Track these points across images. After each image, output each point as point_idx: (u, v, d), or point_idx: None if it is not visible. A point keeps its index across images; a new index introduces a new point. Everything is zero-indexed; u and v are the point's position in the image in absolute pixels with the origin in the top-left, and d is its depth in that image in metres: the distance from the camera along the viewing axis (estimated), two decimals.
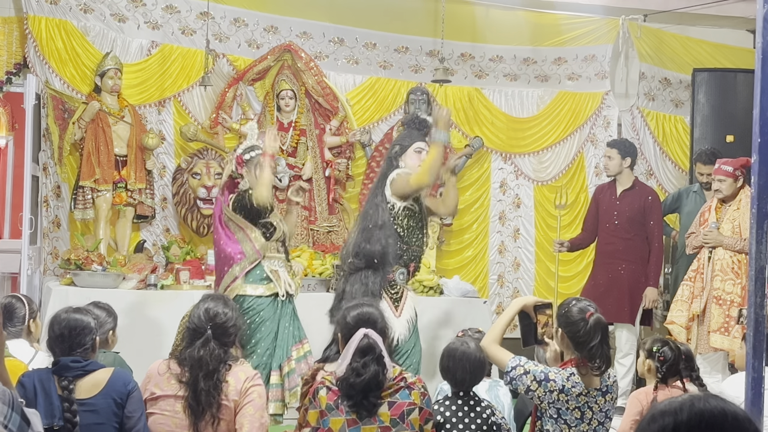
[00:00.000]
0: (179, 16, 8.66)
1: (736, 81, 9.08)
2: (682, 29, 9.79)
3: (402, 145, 6.39)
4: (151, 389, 4.14)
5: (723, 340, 6.88)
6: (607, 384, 3.99)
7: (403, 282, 6.27)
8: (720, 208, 7.28)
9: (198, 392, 4.01)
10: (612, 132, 9.61)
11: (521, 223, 9.59)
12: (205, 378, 4.02)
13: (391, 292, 6.15)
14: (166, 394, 4.10)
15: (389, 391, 3.96)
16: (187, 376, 4.06)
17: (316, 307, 6.64)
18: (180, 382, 4.08)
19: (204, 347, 4.09)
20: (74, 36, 8.32)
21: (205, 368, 4.04)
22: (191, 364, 4.07)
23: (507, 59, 9.52)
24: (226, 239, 6.15)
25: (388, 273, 6.13)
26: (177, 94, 8.69)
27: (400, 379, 4.01)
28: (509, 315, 4.17)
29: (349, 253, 6.25)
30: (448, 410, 4.28)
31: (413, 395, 3.98)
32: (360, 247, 6.12)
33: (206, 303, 4.27)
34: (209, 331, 4.13)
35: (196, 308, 4.28)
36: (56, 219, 8.35)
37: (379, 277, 6.11)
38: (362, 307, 4.28)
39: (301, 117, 8.78)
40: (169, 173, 8.63)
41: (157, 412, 4.10)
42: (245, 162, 6.18)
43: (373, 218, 6.17)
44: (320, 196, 8.74)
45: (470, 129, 9.39)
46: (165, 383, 4.12)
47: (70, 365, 3.89)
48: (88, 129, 8.00)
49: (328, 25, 9.08)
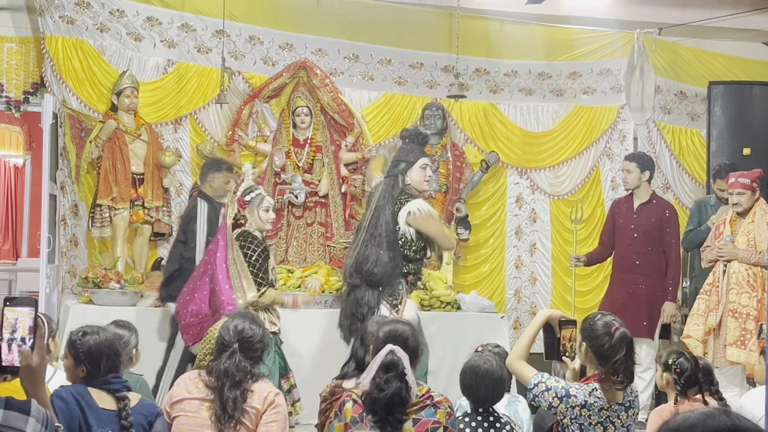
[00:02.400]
0: (195, 35, 8.71)
1: (752, 94, 9.06)
2: (697, 42, 9.78)
3: (408, 162, 6.46)
4: (180, 392, 4.25)
5: (740, 353, 6.85)
6: (629, 399, 3.97)
7: (402, 291, 6.35)
8: (735, 220, 7.26)
9: (224, 400, 4.12)
10: (628, 146, 9.59)
11: (537, 237, 9.57)
12: (231, 388, 4.14)
13: (389, 299, 6.25)
14: (192, 397, 4.21)
15: (414, 407, 3.95)
16: (215, 385, 4.17)
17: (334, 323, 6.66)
18: (207, 387, 4.20)
19: (230, 359, 4.20)
20: (91, 55, 8.37)
21: (231, 378, 4.15)
22: (218, 375, 4.18)
23: (522, 74, 9.52)
24: (222, 284, 6.20)
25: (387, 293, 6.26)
26: (193, 111, 8.73)
27: (426, 397, 4.00)
28: (535, 328, 4.15)
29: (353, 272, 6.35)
30: (468, 427, 4.27)
31: (439, 414, 3.97)
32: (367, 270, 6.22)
33: (235, 320, 4.39)
34: (236, 344, 4.24)
35: (226, 324, 4.38)
36: (74, 237, 8.39)
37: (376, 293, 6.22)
38: (395, 324, 4.30)
39: (317, 133, 8.80)
40: (186, 191, 8.65)
41: (181, 413, 4.20)
42: (247, 203, 6.31)
43: (378, 241, 6.26)
44: (336, 212, 8.75)
45: (486, 144, 9.39)
46: (193, 387, 4.24)
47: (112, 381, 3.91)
48: (105, 147, 8.04)
49: (342, 42, 9.11)
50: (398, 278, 6.36)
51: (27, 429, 2.29)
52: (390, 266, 6.27)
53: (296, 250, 8.57)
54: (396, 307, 6.29)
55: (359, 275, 6.32)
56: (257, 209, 6.30)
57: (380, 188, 6.59)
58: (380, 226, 6.35)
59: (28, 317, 2.45)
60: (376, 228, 6.37)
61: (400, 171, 6.46)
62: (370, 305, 6.25)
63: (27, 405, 2.33)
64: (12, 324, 2.43)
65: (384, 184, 6.56)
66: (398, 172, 6.47)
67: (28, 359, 2.45)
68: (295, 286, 7.86)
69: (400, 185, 6.48)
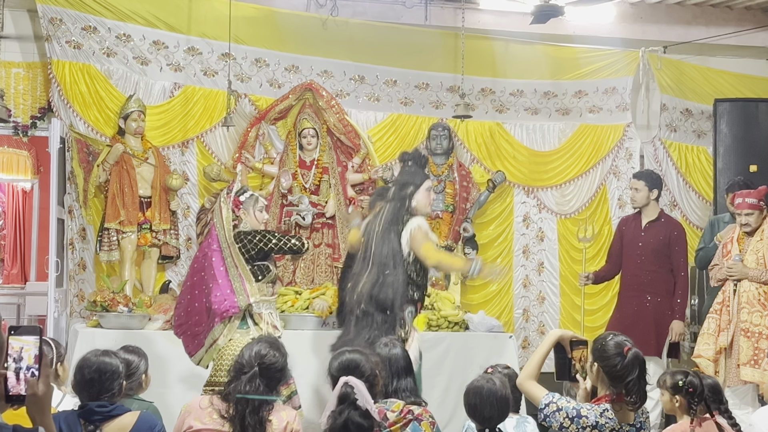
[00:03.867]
0: (201, 58, 8.74)
1: (758, 111, 9.07)
2: (702, 60, 9.80)
3: (416, 185, 6.43)
4: (191, 422, 4.14)
5: (753, 372, 6.81)
6: (640, 420, 3.96)
7: (410, 320, 6.28)
8: (742, 239, 7.24)
9: (245, 427, 4.02)
10: (634, 164, 9.60)
11: (545, 256, 9.56)
12: (252, 414, 4.04)
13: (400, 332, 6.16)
14: (208, 428, 4.11)
15: (397, 425, 3.96)
16: (233, 411, 4.07)
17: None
18: (222, 418, 4.09)
19: (250, 383, 4.10)
20: (98, 79, 8.40)
21: (251, 404, 4.06)
22: (237, 399, 4.07)
23: (527, 93, 9.54)
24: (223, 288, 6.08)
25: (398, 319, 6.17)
26: (200, 134, 8.75)
27: (406, 413, 4.01)
28: (546, 348, 4.14)
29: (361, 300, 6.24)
30: None
31: (423, 426, 3.99)
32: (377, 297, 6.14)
33: (258, 345, 4.29)
34: (256, 368, 4.14)
35: (248, 348, 4.29)
36: (82, 261, 8.40)
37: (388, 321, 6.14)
38: (344, 355, 4.30)
39: (324, 155, 8.81)
40: (194, 213, 8.67)
41: None
42: (242, 203, 6.23)
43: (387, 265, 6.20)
44: (344, 233, 8.74)
45: (492, 163, 9.40)
46: (207, 417, 4.13)
47: (96, 410, 3.89)
48: (113, 171, 8.05)
49: (348, 64, 9.13)
50: (408, 303, 6.30)
51: None
52: (401, 289, 6.20)
53: (304, 272, 8.56)
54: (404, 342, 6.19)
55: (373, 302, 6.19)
56: (253, 209, 6.21)
57: (385, 211, 6.51)
58: (389, 250, 6.29)
59: (33, 345, 2.44)
60: (385, 250, 6.30)
61: (408, 194, 6.42)
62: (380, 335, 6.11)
63: None
64: (17, 353, 2.43)
65: (388, 208, 6.48)
66: (406, 195, 6.43)
67: (34, 388, 2.45)
68: (303, 307, 7.85)
69: (407, 207, 6.44)
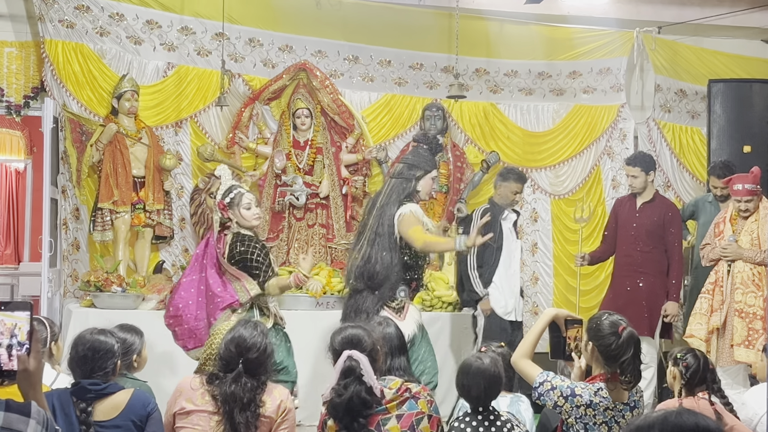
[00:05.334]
0: (195, 38, 8.71)
1: (752, 91, 9.06)
2: (696, 41, 9.79)
3: (425, 170, 6.46)
4: (182, 403, 4.10)
5: (747, 353, 6.84)
6: (634, 399, 3.97)
7: (404, 297, 6.33)
8: (735, 219, 7.25)
9: (236, 425, 3.97)
10: (628, 145, 9.60)
11: (539, 237, 9.57)
12: (242, 410, 3.98)
13: (392, 304, 6.24)
14: (200, 409, 4.06)
15: (394, 403, 3.98)
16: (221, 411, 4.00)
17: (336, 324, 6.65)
18: (214, 398, 4.04)
19: (236, 382, 4.02)
20: (91, 59, 8.37)
21: (240, 402, 3.98)
22: (224, 398, 4.00)
23: (522, 74, 9.53)
24: (222, 287, 6.14)
25: (387, 297, 6.23)
26: (193, 114, 8.73)
27: (404, 391, 4.03)
28: (540, 327, 4.16)
29: (355, 275, 6.33)
30: (469, 426, 4.24)
31: (420, 404, 4.01)
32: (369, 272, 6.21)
33: (238, 331, 4.19)
34: (240, 366, 4.06)
35: (228, 337, 4.19)
36: (75, 241, 8.39)
37: (376, 298, 6.20)
38: (347, 330, 4.30)
39: (317, 135, 8.80)
40: (187, 194, 8.66)
41: (189, 426, 4.06)
42: (227, 205, 6.21)
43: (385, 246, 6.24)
44: (338, 213, 8.75)
45: (486, 144, 9.40)
46: (199, 398, 4.08)
47: (88, 388, 3.89)
48: (106, 151, 8.04)
49: (342, 44, 9.11)
50: (400, 283, 6.35)
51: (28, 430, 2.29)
52: (392, 268, 6.25)
53: (297, 252, 8.56)
54: (399, 311, 6.27)
55: (362, 278, 6.29)
56: (237, 209, 6.20)
57: (387, 187, 6.55)
58: (383, 226, 6.33)
59: (25, 322, 2.45)
60: (380, 227, 6.35)
61: (417, 177, 6.44)
62: (369, 311, 6.22)
63: (27, 407, 2.34)
64: (10, 329, 2.44)
65: (392, 184, 6.51)
66: (413, 176, 6.44)
67: (25, 363, 2.45)
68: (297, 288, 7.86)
69: (410, 189, 6.45)
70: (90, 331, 4.10)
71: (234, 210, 6.18)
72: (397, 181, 6.50)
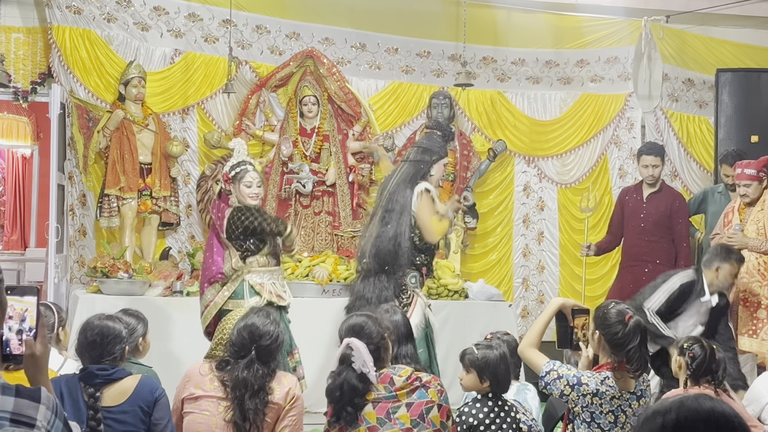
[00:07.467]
0: (202, 24, 8.70)
1: (759, 81, 9.03)
2: (704, 30, 9.75)
3: (439, 155, 6.45)
4: (191, 389, 4.15)
5: (751, 342, 6.84)
6: (641, 388, 3.98)
7: (415, 285, 6.29)
8: (743, 209, 7.24)
9: (245, 411, 4.03)
10: (636, 134, 9.59)
11: (545, 226, 9.57)
12: (252, 397, 4.05)
13: (401, 297, 6.18)
14: (209, 395, 4.12)
15: (404, 391, 3.99)
16: (230, 396, 4.07)
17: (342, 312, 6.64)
18: (223, 384, 4.10)
19: (248, 369, 4.10)
20: (98, 45, 8.36)
21: (251, 389, 4.06)
22: (235, 384, 4.08)
23: (529, 62, 9.51)
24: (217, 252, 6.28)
25: (400, 278, 6.19)
26: (200, 101, 8.73)
27: (414, 379, 4.03)
28: (547, 316, 4.17)
29: (365, 254, 6.32)
30: (481, 412, 4.27)
31: (430, 393, 4.01)
32: (377, 248, 6.19)
33: (251, 319, 4.27)
34: (253, 352, 4.14)
35: (240, 325, 4.27)
36: (82, 227, 8.40)
37: (392, 281, 6.17)
38: (353, 318, 4.34)
39: (324, 123, 8.79)
40: (194, 180, 8.66)
41: (197, 411, 4.11)
42: (231, 179, 6.28)
43: (393, 222, 6.22)
44: (344, 201, 8.74)
45: (493, 132, 9.38)
46: (208, 384, 4.14)
47: (97, 373, 3.90)
48: (113, 137, 8.04)
49: (349, 31, 9.10)
50: (410, 267, 6.30)
51: (38, 416, 2.28)
52: (402, 248, 6.20)
53: (304, 240, 8.56)
54: (405, 307, 6.20)
55: (374, 257, 6.22)
56: (239, 183, 6.26)
57: (400, 169, 6.52)
58: (397, 204, 6.30)
59: (33, 306, 2.46)
60: (393, 206, 6.31)
61: (432, 161, 6.44)
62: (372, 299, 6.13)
63: (37, 393, 2.33)
64: (20, 314, 2.44)
65: (405, 167, 6.49)
66: (427, 161, 6.44)
67: (32, 348, 2.46)
68: (303, 275, 7.87)
69: (424, 172, 6.44)
70: (98, 317, 4.11)
71: (235, 184, 6.25)
72: (411, 164, 6.48)
